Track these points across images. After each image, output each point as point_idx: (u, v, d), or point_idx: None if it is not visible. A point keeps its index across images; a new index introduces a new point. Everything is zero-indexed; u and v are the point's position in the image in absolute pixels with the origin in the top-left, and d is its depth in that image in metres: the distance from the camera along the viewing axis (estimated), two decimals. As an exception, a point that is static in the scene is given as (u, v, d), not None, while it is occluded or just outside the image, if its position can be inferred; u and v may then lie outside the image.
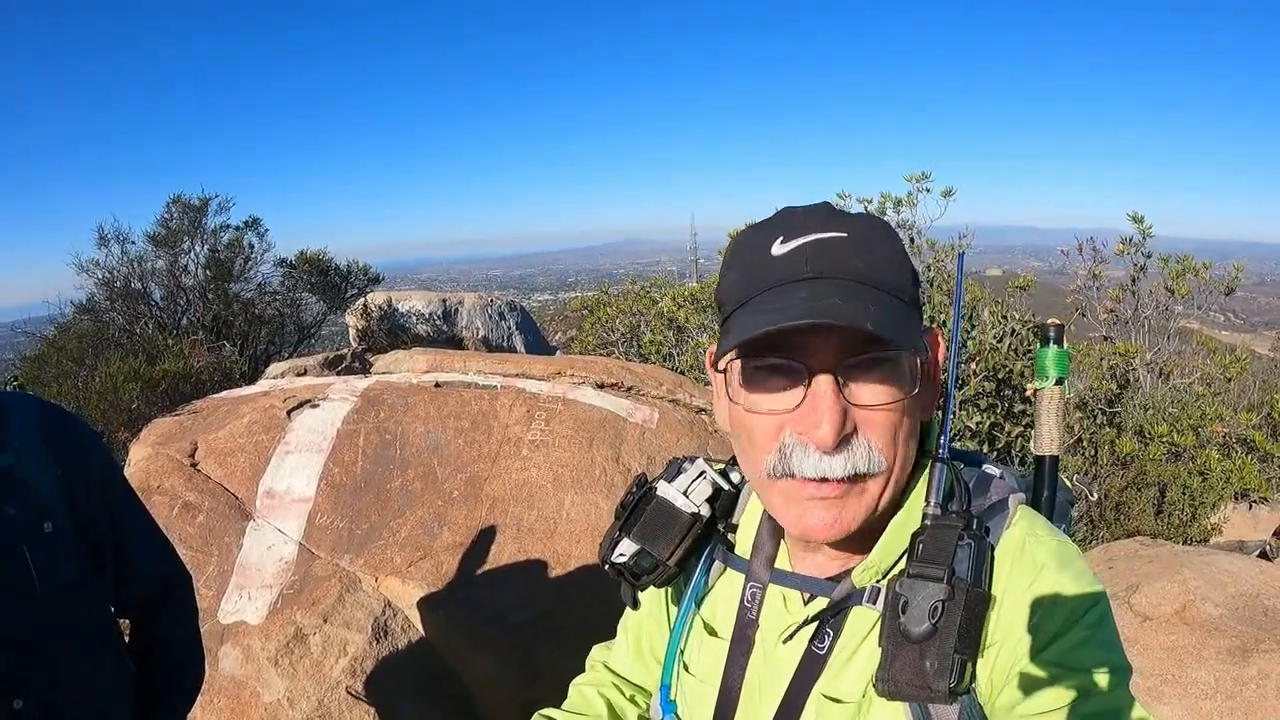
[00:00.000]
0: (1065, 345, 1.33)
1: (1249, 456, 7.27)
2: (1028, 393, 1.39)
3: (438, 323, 10.70)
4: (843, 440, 0.99)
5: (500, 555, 3.80)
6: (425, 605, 3.62)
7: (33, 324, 9.28)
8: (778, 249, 1.03)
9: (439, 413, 4.39)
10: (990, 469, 1.17)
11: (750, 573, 1.21)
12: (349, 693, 3.34)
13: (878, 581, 1.09)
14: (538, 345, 12.15)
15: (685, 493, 1.26)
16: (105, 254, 9.12)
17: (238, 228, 9.64)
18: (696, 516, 1.25)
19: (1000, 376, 6.68)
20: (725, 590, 1.26)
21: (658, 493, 1.28)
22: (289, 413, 4.51)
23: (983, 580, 0.96)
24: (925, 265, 7.63)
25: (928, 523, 1.03)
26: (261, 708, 3.27)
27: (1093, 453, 7.24)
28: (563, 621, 3.61)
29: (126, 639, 2.06)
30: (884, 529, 1.10)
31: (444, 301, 11.09)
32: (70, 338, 7.92)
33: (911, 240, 8.11)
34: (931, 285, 7.20)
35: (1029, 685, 0.97)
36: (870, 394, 1.00)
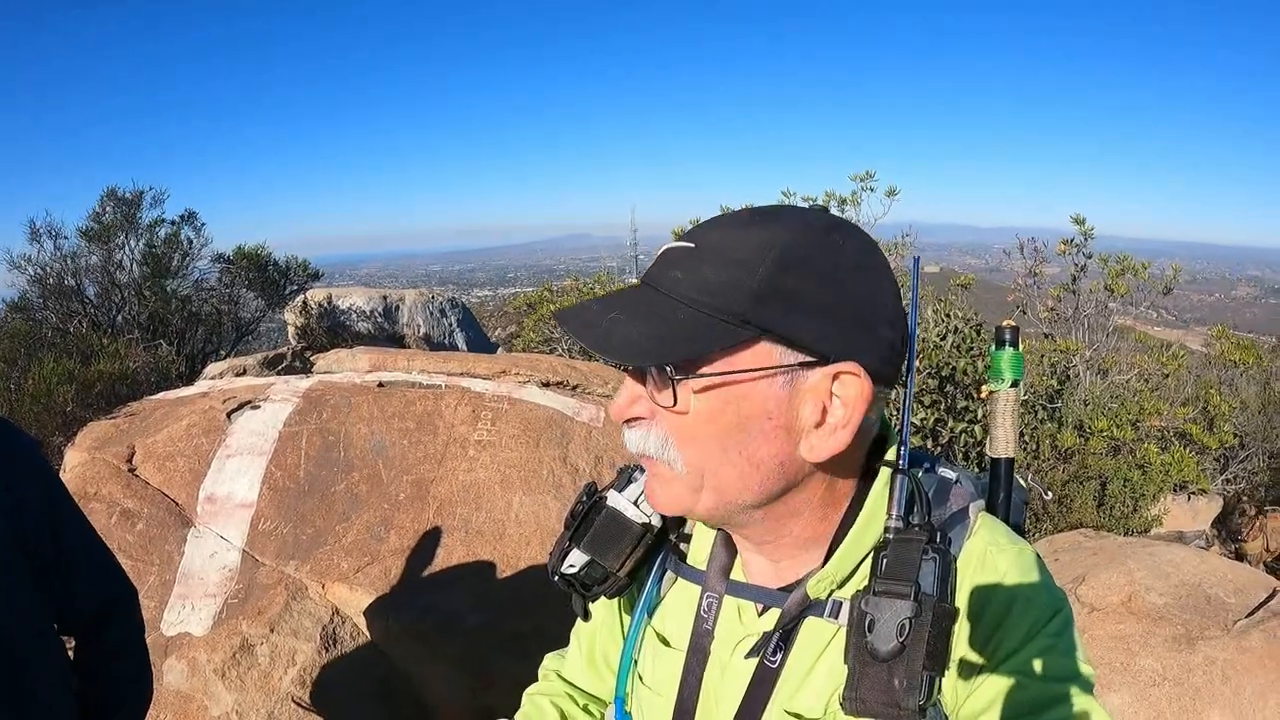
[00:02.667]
0: (1020, 348, 1.32)
1: (1186, 449, 7.44)
2: (981, 395, 1.37)
3: (379, 320, 10.59)
4: (637, 420, 1.03)
5: (449, 558, 3.75)
6: (374, 612, 3.56)
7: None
8: (662, 249, 1.04)
9: (383, 413, 4.32)
10: (946, 473, 1.15)
11: (706, 583, 1.19)
12: (297, 703, 3.27)
13: (833, 592, 1.07)
14: (479, 342, 12.08)
15: (636, 502, 1.24)
16: (38, 250, 8.91)
17: (173, 222, 9.42)
18: (648, 526, 1.23)
19: (944, 374, 6.76)
20: (678, 601, 1.24)
21: (608, 502, 1.25)
22: (229, 414, 4.40)
23: (948, 595, 0.94)
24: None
25: (890, 536, 1.00)
26: (208, 721, 3.20)
27: (1034, 447, 7.36)
28: (516, 625, 3.57)
29: (71, 655, 1.99)
30: (833, 537, 1.09)
31: (385, 298, 10.98)
32: (1, 337, 7.69)
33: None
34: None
35: (993, 696, 0.97)
36: (657, 394, 1.00)
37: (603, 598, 1.26)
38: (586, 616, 1.31)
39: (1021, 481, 1.35)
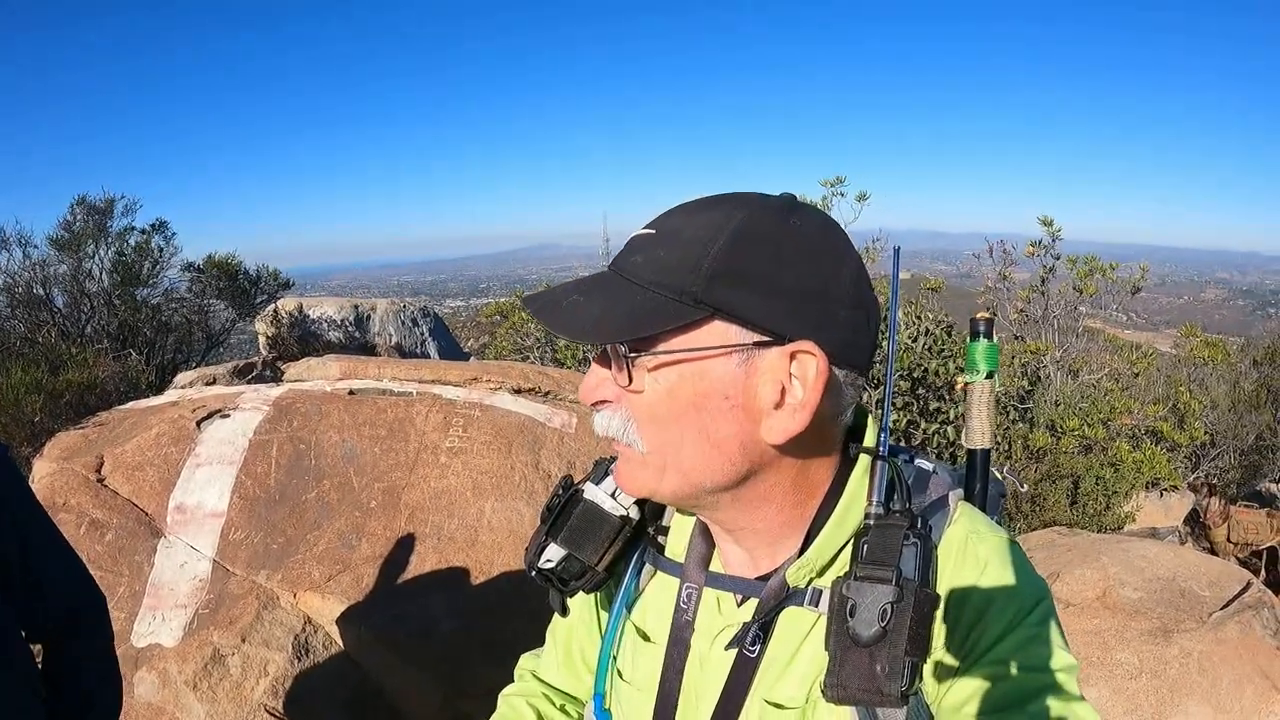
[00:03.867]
0: (995, 339, 1.32)
1: (1158, 447, 7.51)
2: (957, 387, 1.37)
3: (350, 329, 10.52)
4: (603, 403, 1.04)
5: (422, 566, 3.73)
6: (346, 620, 3.52)
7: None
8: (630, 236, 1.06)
9: (354, 421, 4.28)
10: (924, 464, 1.15)
11: (685, 574, 1.17)
12: (271, 714, 3.24)
13: (813, 580, 1.06)
14: (452, 352, 12.01)
15: (613, 495, 1.22)
16: (6, 258, 8.73)
17: (144, 231, 9.24)
18: (626, 519, 1.21)
19: (915, 375, 6.79)
20: (657, 594, 1.22)
21: (585, 495, 1.23)
22: (199, 423, 4.36)
23: (930, 580, 0.92)
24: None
25: (870, 522, 0.99)
26: (179, 735, 3.16)
27: (1007, 447, 7.41)
28: (488, 631, 3.55)
29: (41, 664, 1.95)
30: (811, 524, 1.07)
31: (356, 308, 10.92)
32: (-34, 347, 7.59)
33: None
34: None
35: (976, 684, 0.96)
36: (617, 375, 1.01)
37: (581, 593, 1.23)
38: (565, 612, 1.28)
39: (997, 475, 1.34)
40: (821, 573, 1.06)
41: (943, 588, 0.99)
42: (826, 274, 0.99)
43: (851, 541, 1.01)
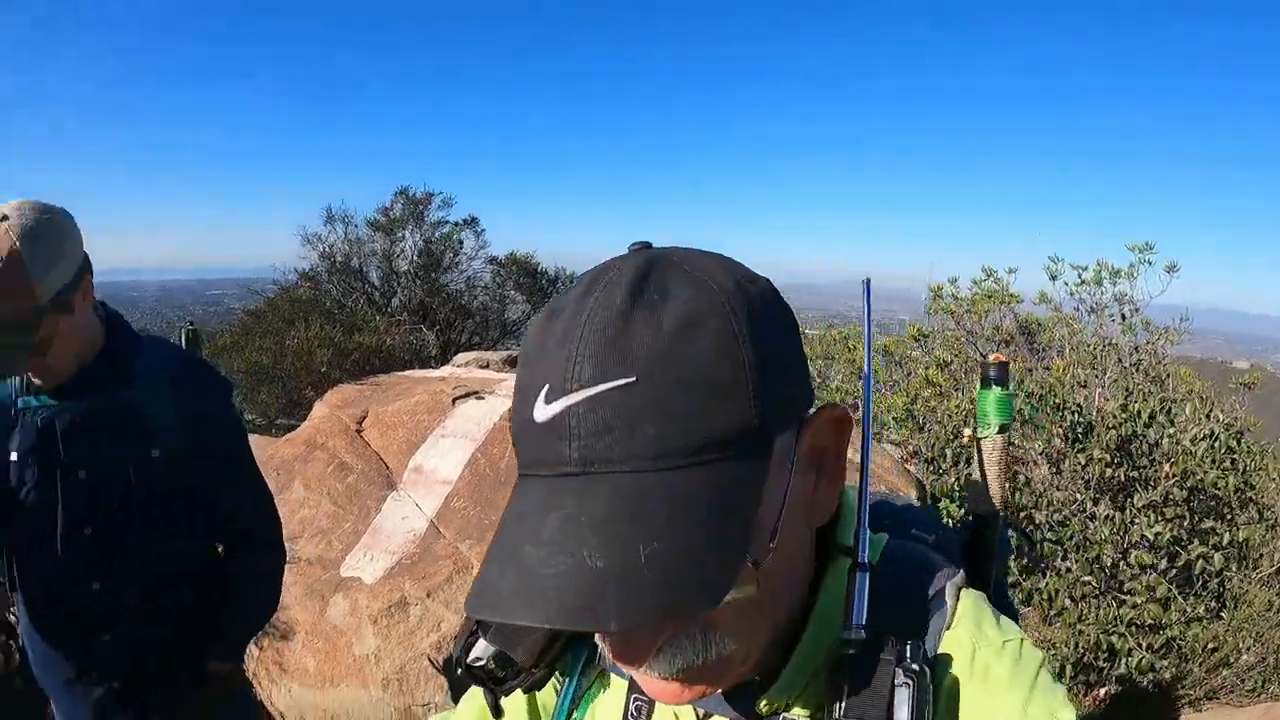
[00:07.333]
0: (1010, 388, 1.19)
1: None
2: (964, 440, 1.26)
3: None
4: (664, 645, 0.73)
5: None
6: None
7: (259, 284, 10.39)
8: (540, 411, 0.66)
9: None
10: (916, 541, 0.99)
11: (633, 683, 0.97)
12: (431, 662, 3.52)
13: (786, 709, 0.87)
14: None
15: None
16: (329, 231, 10.08)
17: (456, 224, 10.36)
18: None
19: (1189, 484, 6.20)
20: (606, 699, 1.01)
21: None
22: (454, 400, 4.78)
23: None
24: (1134, 346, 7.03)
25: (851, 652, 0.81)
26: (351, 657, 3.56)
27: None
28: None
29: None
30: (787, 640, 0.87)
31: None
32: (285, 300, 8.69)
33: (1124, 317, 7.49)
34: (1138, 369, 6.63)
35: None
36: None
37: (519, 691, 1.04)
38: (498, 715, 1.07)
39: (1009, 533, 1.21)
40: (799, 696, 0.88)
41: (944, 703, 0.83)
42: (793, 329, 0.80)
43: (829, 670, 0.83)
